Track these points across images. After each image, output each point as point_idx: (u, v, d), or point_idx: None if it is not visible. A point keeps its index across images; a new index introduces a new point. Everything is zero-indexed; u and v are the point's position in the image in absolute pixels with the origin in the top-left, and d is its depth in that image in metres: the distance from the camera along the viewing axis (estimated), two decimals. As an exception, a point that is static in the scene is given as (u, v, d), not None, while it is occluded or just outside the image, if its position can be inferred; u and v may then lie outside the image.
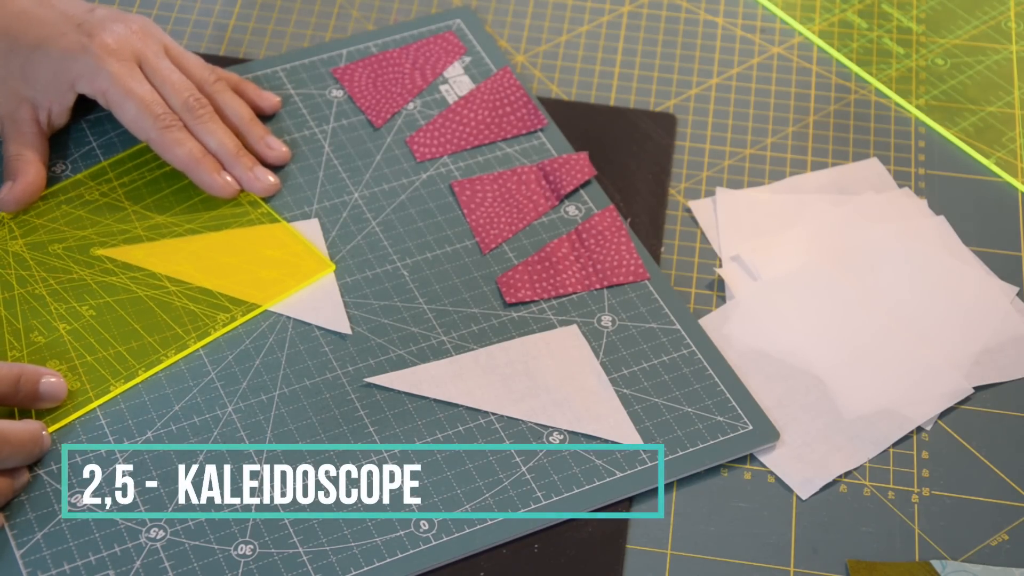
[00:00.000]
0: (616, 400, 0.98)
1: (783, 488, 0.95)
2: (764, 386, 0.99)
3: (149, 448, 0.94)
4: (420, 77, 1.14)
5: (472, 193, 1.07)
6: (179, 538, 0.90)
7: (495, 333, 1.00)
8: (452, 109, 1.12)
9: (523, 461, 0.95)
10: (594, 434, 0.96)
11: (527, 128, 1.11)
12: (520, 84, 1.13)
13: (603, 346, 1.00)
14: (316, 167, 1.09)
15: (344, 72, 1.14)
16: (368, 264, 1.03)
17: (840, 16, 1.21)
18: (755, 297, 1.03)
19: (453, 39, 1.16)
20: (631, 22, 1.21)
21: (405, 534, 0.91)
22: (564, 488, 0.94)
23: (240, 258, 1.03)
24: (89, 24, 1.04)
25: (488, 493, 0.93)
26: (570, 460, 0.95)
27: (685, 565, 0.92)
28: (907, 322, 1.01)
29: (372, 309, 1.01)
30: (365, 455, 0.94)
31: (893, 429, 0.97)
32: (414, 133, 1.11)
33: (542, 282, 1.03)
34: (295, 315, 1.01)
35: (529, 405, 0.97)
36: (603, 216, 1.06)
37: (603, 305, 1.02)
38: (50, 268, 1.02)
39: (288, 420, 0.96)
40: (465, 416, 0.97)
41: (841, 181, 1.10)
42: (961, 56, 1.18)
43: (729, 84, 1.17)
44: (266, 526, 0.91)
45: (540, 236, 1.06)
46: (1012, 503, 0.94)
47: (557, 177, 1.07)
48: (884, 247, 1.05)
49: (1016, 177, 1.11)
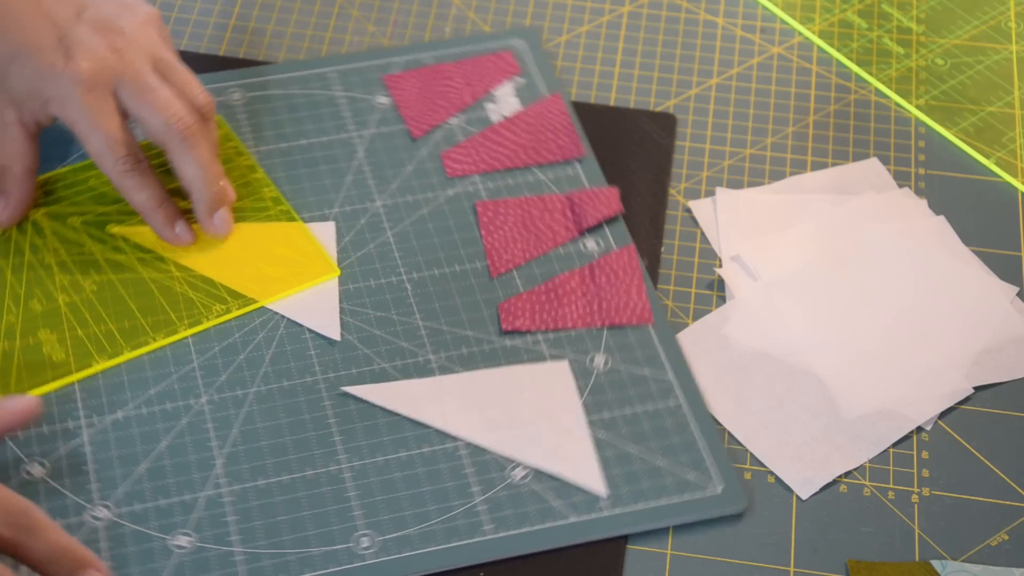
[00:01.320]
0: (589, 443, 0.95)
1: (783, 488, 0.95)
2: (764, 386, 0.98)
3: (115, 427, 0.94)
4: (468, 93, 1.13)
5: (494, 215, 1.06)
6: (122, 521, 0.91)
7: (484, 359, 0.99)
8: (493, 128, 1.11)
9: (480, 491, 0.93)
10: (558, 474, 0.94)
11: (564, 156, 1.09)
12: (568, 112, 1.11)
13: (590, 386, 0.98)
14: (345, 170, 1.08)
15: (395, 80, 1.13)
16: (374, 273, 1.03)
17: (840, 16, 1.21)
18: (755, 297, 1.03)
19: (509, 59, 1.15)
20: (631, 22, 1.20)
21: (343, 549, 0.90)
22: (514, 525, 0.92)
23: (249, 252, 1.03)
24: (70, 39, 0.98)
25: (437, 519, 0.92)
26: (527, 497, 0.93)
27: (685, 565, 0.91)
28: (907, 322, 1.01)
29: (367, 319, 1.01)
30: (324, 463, 0.94)
31: (893, 429, 0.97)
32: (450, 148, 1.10)
33: (542, 313, 1.01)
34: (289, 315, 1.00)
35: (499, 436, 0.95)
36: (621, 254, 1.04)
37: (600, 344, 1.00)
38: (64, 239, 1.03)
39: (257, 418, 0.95)
40: (433, 438, 0.95)
41: (841, 181, 1.10)
42: (961, 56, 1.18)
43: (729, 84, 1.16)
44: (209, 521, 0.91)
45: (553, 267, 1.04)
46: (1012, 503, 0.94)
47: (582, 209, 1.06)
48: (884, 247, 1.05)
49: (1016, 177, 1.11)
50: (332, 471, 0.93)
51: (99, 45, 0.98)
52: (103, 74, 0.98)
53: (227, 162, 1.08)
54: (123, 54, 0.99)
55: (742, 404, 0.98)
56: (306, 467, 0.94)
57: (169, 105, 0.99)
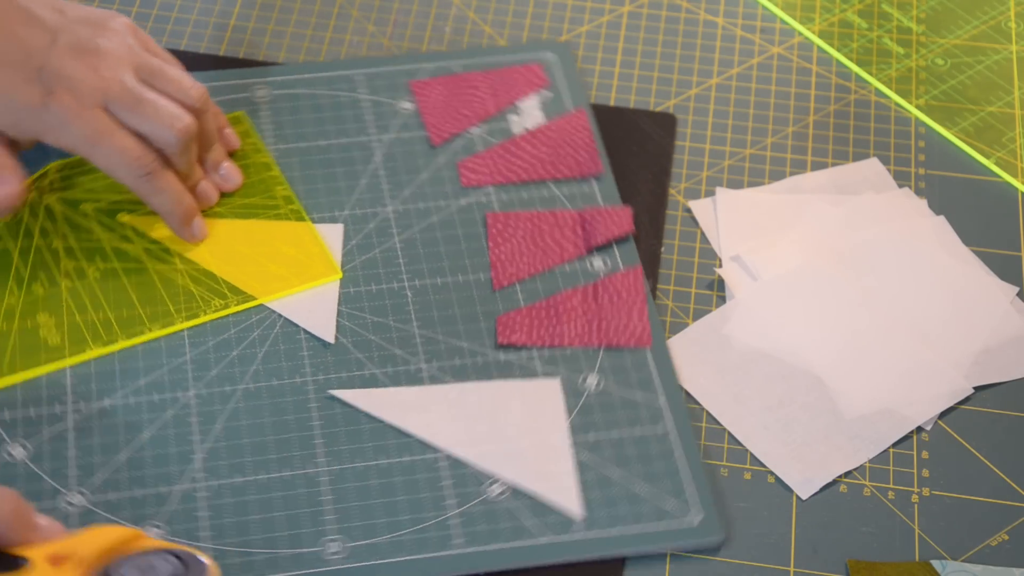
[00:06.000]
0: (571, 464, 0.94)
1: (783, 488, 0.95)
2: (764, 386, 0.98)
3: (101, 415, 0.95)
4: (493, 103, 1.12)
5: (503, 227, 1.05)
6: (96, 509, 0.91)
7: (476, 371, 0.98)
8: (513, 140, 1.10)
9: (455, 504, 0.92)
10: (535, 492, 0.93)
11: (581, 173, 1.08)
12: (591, 128, 1.10)
13: (580, 406, 0.97)
14: (360, 173, 1.08)
15: (421, 86, 1.13)
16: (376, 278, 1.02)
17: (840, 16, 1.20)
18: (755, 297, 1.02)
19: (538, 72, 1.14)
20: (631, 22, 1.20)
21: (311, 552, 0.90)
22: (486, 541, 0.91)
23: (255, 249, 1.03)
24: (48, 70, 0.95)
25: (408, 529, 0.91)
26: (501, 514, 0.92)
27: (685, 565, 0.91)
28: (907, 322, 1.01)
29: (364, 323, 1.00)
30: (303, 465, 0.93)
31: (893, 429, 0.97)
32: (467, 157, 1.09)
33: (540, 329, 1.00)
34: (286, 314, 1.00)
35: (481, 450, 0.94)
36: (626, 275, 1.03)
37: (595, 364, 0.99)
38: (74, 225, 1.04)
39: (242, 415, 0.95)
40: (415, 448, 0.95)
41: (841, 181, 1.10)
42: (961, 56, 1.18)
43: (729, 84, 1.16)
44: (182, 514, 0.91)
45: (557, 283, 1.03)
46: (1012, 503, 0.94)
47: (593, 227, 1.04)
48: (884, 247, 1.05)
49: (1016, 177, 1.11)
50: (310, 473, 0.93)
51: (78, 69, 0.97)
52: (89, 98, 0.96)
53: (244, 158, 1.08)
54: (103, 73, 0.97)
55: (742, 404, 0.98)
56: (284, 468, 0.93)
57: (159, 111, 0.98)
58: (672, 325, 1.02)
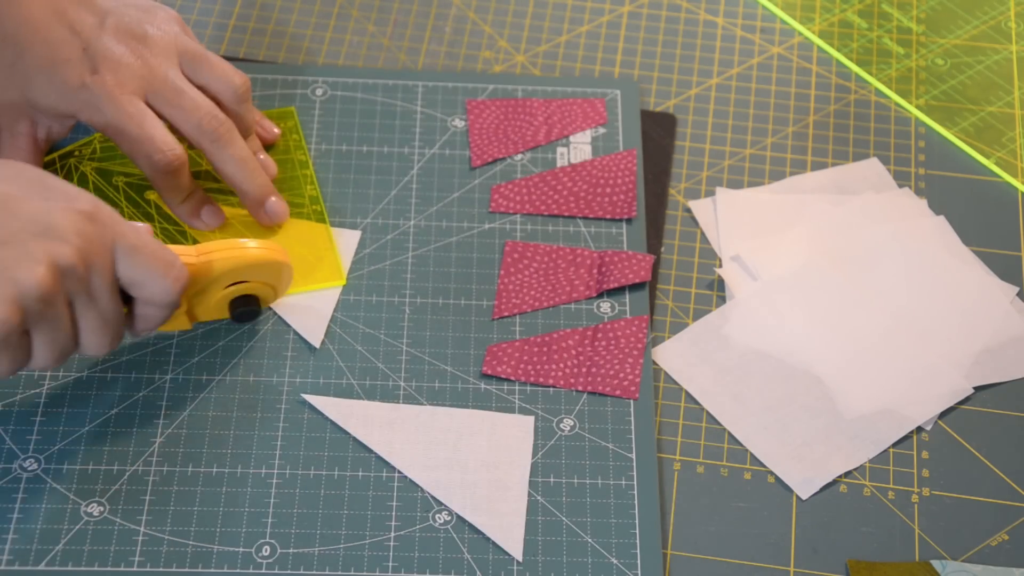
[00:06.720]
0: (523, 504, 0.92)
1: (783, 488, 0.94)
2: (764, 386, 0.98)
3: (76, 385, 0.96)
4: (544, 133, 1.10)
5: (519, 257, 1.03)
6: (46, 477, 0.92)
7: (453, 397, 0.97)
8: (553, 172, 1.08)
9: (397, 527, 0.91)
10: (480, 528, 0.91)
11: (613, 214, 1.06)
12: (636, 172, 1.08)
13: (548, 447, 0.95)
14: (394, 184, 1.07)
15: (476, 105, 1.12)
16: (379, 290, 1.01)
17: (840, 16, 1.19)
18: (755, 297, 1.02)
19: (599, 107, 1.12)
20: (631, 22, 1.19)
21: (243, 553, 0.90)
22: (417, 569, 0.89)
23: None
24: (94, 50, 0.97)
25: (343, 544, 0.90)
26: (441, 544, 0.90)
27: (685, 565, 0.91)
28: (907, 322, 1.01)
29: (354, 333, 0.99)
30: (257, 464, 0.93)
31: (893, 429, 0.97)
32: (502, 183, 1.07)
33: (527, 365, 0.98)
34: (280, 312, 1.00)
35: (436, 476, 0.93)
36: (630, 323, 1.00)
37: (573, 408, 0.96)
38: (101, 195, 1.05)
39: (211, 406, 0.95)
40: (373, 464, 0.94)
41: (841, 181, 1.09)
42: (961, 56, 1.18)
43: (729, 84, 1.15)
44: (127, 495, 0.92)
45: (558, 321, 1.01)
46: (1012, 503, 0.94)
47: (609, 270, 1.02)
48: (884, 247, 1.05)
49: (1016, 177, 1.10)
50: (261, 474, 0.93)
51: (123, 54, 0.98)
52: (130, 84, 0.98)
53: (284, 152, 1.09)
54: (148, 60, 0.99)
55: (742, 404, 0.97)
56: (238, 464, 0.93)
57: (199, 107, 0.99)
58: (672, 325, 1.01)
